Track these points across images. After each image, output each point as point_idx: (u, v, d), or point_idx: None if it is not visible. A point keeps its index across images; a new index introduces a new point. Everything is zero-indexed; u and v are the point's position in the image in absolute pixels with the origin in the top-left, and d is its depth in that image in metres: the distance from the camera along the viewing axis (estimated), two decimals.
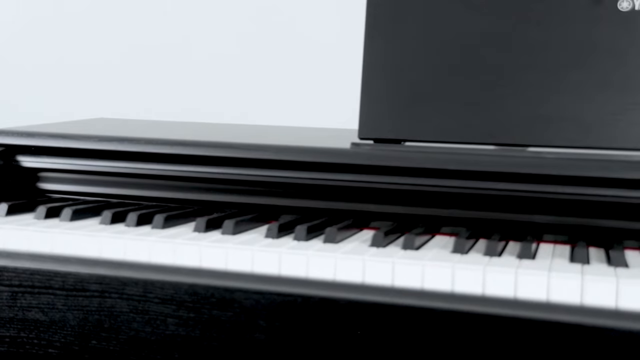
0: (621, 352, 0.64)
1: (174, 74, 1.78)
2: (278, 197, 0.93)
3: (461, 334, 0.69)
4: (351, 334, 0.72)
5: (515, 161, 0.84)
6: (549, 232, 0.84)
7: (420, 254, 0.75)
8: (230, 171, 0.93)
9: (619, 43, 0.88)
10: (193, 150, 0.95)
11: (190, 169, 0.95)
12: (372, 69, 0.96)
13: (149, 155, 0.96)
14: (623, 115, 0.87)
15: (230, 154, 0.93)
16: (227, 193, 0.94)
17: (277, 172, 0.92)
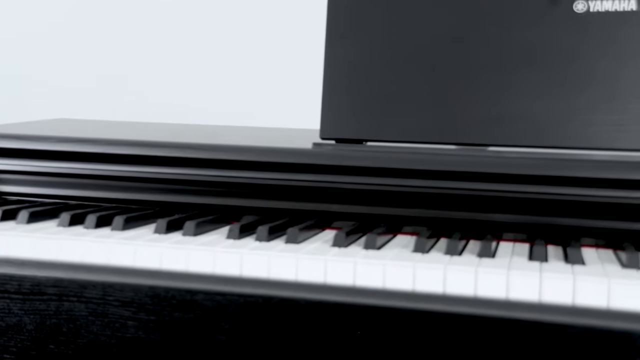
0: (578, 348, 0.65)
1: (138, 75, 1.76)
2: (240, 198, 0.92)
3: (423, 332, 0.69)
4: (313, 334, 0.72)
5: (475, 160, 0.84)
6: (508, 231, 0.85)
7: (382, 254, 0.76)
8: (192, 172, 0.93)
9: (574, 44, 0.89)
10: (154, 151, 0.94)
11: (151, 170, 0.94)
12: (334, 69, 0.97)
13: (109, 157, 0.94)
14: (579, 115, 0.88)
15: (191, 155, 0.92)
16: (189, 194, 0.93)
17: (239, 173, 0.91)
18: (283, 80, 1.65)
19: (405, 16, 0.96)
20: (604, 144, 0.87)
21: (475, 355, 0.68)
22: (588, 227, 0.81)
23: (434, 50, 0.94)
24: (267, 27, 1.68)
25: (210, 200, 0.93)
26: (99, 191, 0.96)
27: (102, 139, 0.95)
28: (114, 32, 1.77)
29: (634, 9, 0.88)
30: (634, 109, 0.87)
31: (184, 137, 1.06)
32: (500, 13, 0.92)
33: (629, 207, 0.79)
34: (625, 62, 0.88)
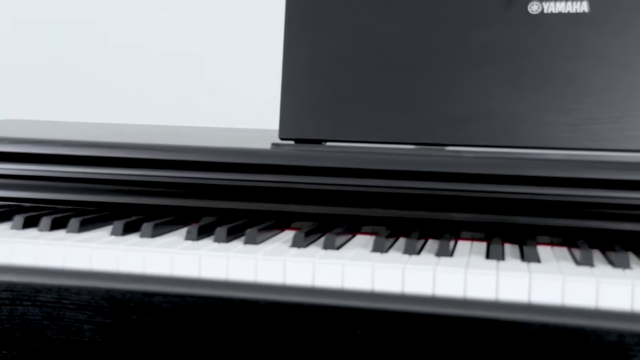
0: (534, 345, 0.66)
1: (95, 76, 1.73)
2: (198, 199, 0.91)
3: (381, 332, 0.69)
4: (272, 335, 0.71)
5: (433, 160, 0.85)
6: (466, 230, 0.86)
7: (341, 254, 0.76)
8: (149, 173, 0.91)
9: (529, 45, 0.91)
10: (110, 152, 0.92)
11: (107, 171, 0.92)
12: (292, 69, 0.96)
13: (64, 158, 0.93)
14: (534, 115, 0.90)
15: (148, 156, 0.91)
16: (146, 195, 0.92)
17: (197, 174, 0.91)
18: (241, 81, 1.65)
19: (362, 17, 0.96)
20: (558, 143, 0.89)
21: (433, 354, 0.68)
22: (544, 226, 0.82)
23: (392, 50, 0.94)
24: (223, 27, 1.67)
25: (169, 201, 0.92)
26: (53, 193, 0.94)
27: (57, 140, 0.94)
28: (67, 24, 1.75)
29: (586, 10, 0.90)
30: (587, 109, 0.89)
31: (141, 138, 1.05)
32: (457, 14, 0.93)
33: (583, 205, 0.80)
34: (579, 62, 0.89)
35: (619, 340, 0.64)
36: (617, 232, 0.79)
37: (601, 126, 0.88)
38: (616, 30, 0.89)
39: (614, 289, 0.66)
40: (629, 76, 0.88)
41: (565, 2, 0.90)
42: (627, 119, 0.88)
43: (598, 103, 0.88)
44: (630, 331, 0.64)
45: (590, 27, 0.90)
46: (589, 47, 0.89)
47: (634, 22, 0.89)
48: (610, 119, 0.88)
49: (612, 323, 0.65)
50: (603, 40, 0.89)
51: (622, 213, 0.79)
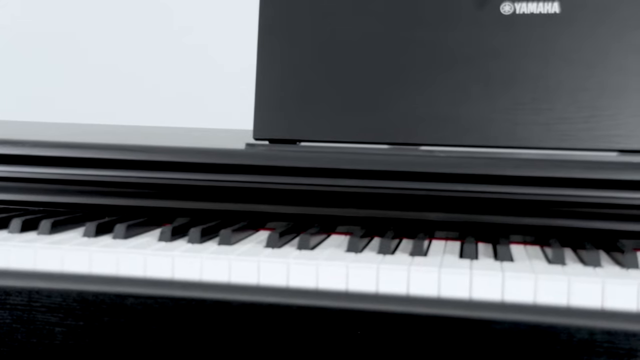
0: (506, 343, 0.66)
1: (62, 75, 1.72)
2: (172, 200, 0.91)
3: (356, 332, 0.69)
4: (246, 336, 0.71)
5: (407, 160, 0.85)
6: (440, 229, 0.86)
7: (315, 254, 0.76)
8: (122, 174, 0.90)
9: (502, 45, 0.92)
10: (82, 152, 0.91)
11: (79, 172, 0.91)
12: (266, 69, 0.96)
13: (34, 159, 0.91)
14: (508, 114, 0.90)
15: (121, 156, 0.90)
16: (119, 196, 0.91)
17: (171, 174, 0.90)
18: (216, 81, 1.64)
19: (336, 17, 0.96)
20: (530, 143, 0.90)
21: (407, 353, 0.69)
22: (516, 225, 0.83)
23: (365, 50, 0.95)
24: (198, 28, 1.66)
25: (142, 202, 0.91)
26: (24, 194, 0.93)
27: (27, 141, 0.92)
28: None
29: (557, 11, 0.91)
30: (559, 109, 0.90)
31: (113, 138, 1.04)
32: (430, 14, 0.94)
33: (554, 204, 0.81)
34: (551, 63, 0.90)
35: (589, 338, 0.65)
36: (588, 231, 0.80)
37: (572, 126, 0.89)
38: (586, 30, 0.90)
39: (585, 287, 0.67)
40: (598, 76, 0.89)
41: (536, 2, 0.91)
42: (597, 119, 0.89)
43: (569, 103, 0.89)
44: (600, 328, 0.65)
45: (561, 27, 0.91)
46: (559, 48, 0.90)
47: (603, 22, 0.90)
48: (580, 118, 0.89)
49: (583, 321, 0.65)
50: (573, 41, 0.90)
51: (593, 212, 0.80)
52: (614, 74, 0.89)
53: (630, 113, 0.88)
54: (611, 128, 0.89)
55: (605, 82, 0.89)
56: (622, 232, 0.79)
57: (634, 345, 0.64)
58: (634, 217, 0.79)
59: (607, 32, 0.90)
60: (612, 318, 0.65)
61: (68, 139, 0.96)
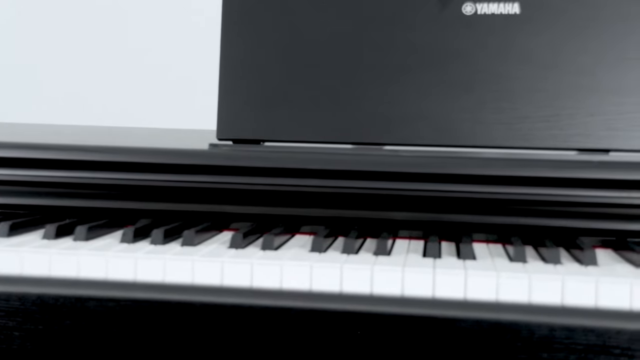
0: (469, 340, 0.67)
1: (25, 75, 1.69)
2: (134, 201, 0.90)
3: (320, 332, 0.69)
4: (210, 338, 0.71)
5: (371, 160, 0.86)
6: (404, 228, 0.86)
7: (279, 254, 0.75)
8: (83, 175, 0.89)
9: (464, 45, 0.92)
10: (42, 153, 0.90)
11: (38, 173, 0.90)
12: (230, 69, 0.96)
13: None
14: (470, 114, 0.91)
15: (82, 157, 0.89)
16: (80, 198, 0.90)
17: (133, 175, 0.89)
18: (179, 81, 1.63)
19: (299, 16, 0.96)
20: (492, 142, 0.91)
21: (371, 353, 0.69)
22: (479, 223, 0.84)
23: (329, 50, 0.95)
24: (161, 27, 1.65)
25: (104, 203, 0.90)
26: None
27: None
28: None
29: (517, 12, 0.92)
30: (520, 108, 0.91)
31: (75, 139, 1.02)
32: (393, 14, 0.94)
33: (516, 202, 0.82)
34: (512, 63, 0.91)
35: (549, 334, 0.65)
36: (548, 228, 0.81)
37: (533, 125, 0.90)
38: (545, 31, 0.91)
39: (545, 284, 0.68)
40: (557, 75, 0.91)
41: (497, 3, 0.92)
42: (556, 118, 0.90)
43: (530, 102, 0.91)
44: (560, 325, 0.65)
45: (521, 28, 0.92)
46: (520, 48, 0.92)
47: (562, 23, 0.91)
48: (540, 118, 0.90)
49: (543, 317, 0.66)
50: (533, 41, 0.91)
51: (553, 210, 0.81)
52: (572, 74, 0.90)
53: (587, 112, 0.90)
54: (570, 127, 0.90)
55: (564, 82, 0.90)
56: (582, 230, 0.81)
57: (592, 341, 0.65)
58: (593, 215, 0.80)
59: (564, 33, 0.91)
60: (571, 314, 0.66)
61: (27, 140, 0.94)
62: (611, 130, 0.89)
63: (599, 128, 0.89)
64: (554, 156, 0.85)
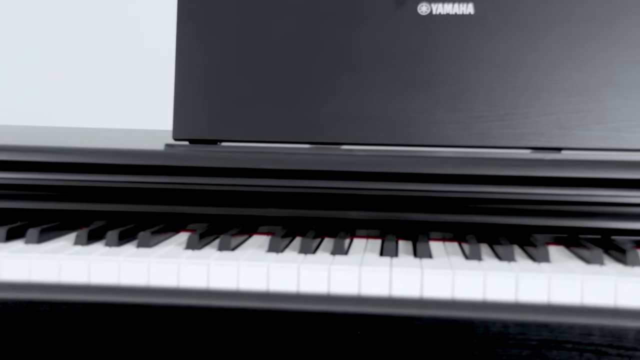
0: (426, 338, 0.67)
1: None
2: (89, 202, 0.88)
3: (277, 332, 0.69)
4: (166, 340, 0.70)
5: (328, 159, 0.86)
6: (362, 227, 0.87)
7: (236, 255, 0.75)
8: (35, 176, 0.87)
9: (419, 45, 0.93)
10: None
11: None
12: (185, 69, 0.95)
13: None
14: (426, 113, 0.92)
15: (34, 158, 0.87)
16: (32, 200, 0.88)
17: (87, 176, 0.87)
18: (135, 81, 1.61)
19: (255, 15, 0.96)
20: (448, 141, 0.92)
21: (328, 352, 0.69)
22: (435, 222, 0.84)
23: (286, 50, 0.95)
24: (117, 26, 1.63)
25: (57, 205, 0.88)
26: None
27: None
28: None
29: (471, 12, 0.93)
30: (475, 108, 0.92)
31: (26, 140, 1.00)
32: (349, 14, 0.94)
33: (471, 200, 0.82)
34: (466, 63, 0.92)
35: (504, 330, 0.66)
36: (503, 226, 0.82)
37: (487, 124, 0.91)
38: (499, 31, 0.92)
39: (500, 281, 0.69)
40: (511, 75, 0.92)
41: (452, 3, 0.93)
42: (510, 117, 0.91)
43: (484, 102, 0.92)
44: (513, 321, 0.66)
45: (476, 28, 0.93)
46: (474, 48, 0.93)
47: (515, 23, 0.92)
48: (495, 117, 0.91)
49: (498, 314, 0.67)
50: (487, 41, 0.93)
51: (508, 208, 0.82)
52: (525, 73, 0.92)
53: (540, 112, 0.91)
54: (524, 126, 0.91)
55: (517, 81, 0.92)
56: (535, 227, 0.82)
57: (545, 336, 0.66)
58: (546, 213, 0.81)
59: (517, 33, 0.92)
60: (525, 311, 0.67)
61: None
62: (564, 129, 0.91)
63: (552, 127, 0.91)
64: (508, 155, 0.86)
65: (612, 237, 0.81)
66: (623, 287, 0.67)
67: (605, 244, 0.79)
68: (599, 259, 0.73)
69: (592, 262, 0.73)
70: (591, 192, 0.81)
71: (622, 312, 0.66)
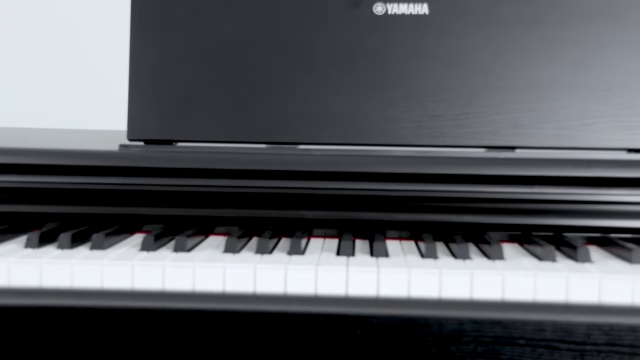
0: (382, 337, 0.68)
1: None
2: (41, 205, 0.86)
3: (234, 333, 0.69)
4: (121, 343, 0.69)
5: (284, 159, 0.85)
6: (319, 227, 0.87)
7: (192, 256, 0.74)
8: None
9: (375, 45, 0.94)
10: None
11: None
12: (140, 68, 0.94)
13: None
14: (379, 112, 0.93)
15: None
16: None
17: (40, 178, 0.86)
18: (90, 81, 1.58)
19: (211, 17, 0.95)
20: (403, 140, 0.92)
21: (284, 352, 0.69)
22: (392, 221, 0.85)
23: (241, 50, 0.94)
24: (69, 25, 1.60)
25: (7, 208, 0.86)
26: None
27: None
28: None
29: (426, 13, 0.94)
30: (430, 107, 0.92)
31: None
32: (305, 13, 0.94)
33: (427, 199, 0.83)
34: (421, 62, 0.93)
35: (459, 328, 0.67)
36: (458, 224, 0.83)
37: (442, 123, 0.92)
38: (453, 31, 0.93)
39: (455, 279, 0.69)
40: (465, 75, 0.93)
41: (407, 3, 0.94)
42: (465, 116, 0.92)
43: (439, 101, 0.92)
44: (468, 318, 0.67)
45: (430, 28, 0.94)
46: (429, 48, 0.93)
47: (470, 24, 0.94)
48: (450, 116, 0.92)
49: (453, 312, 0.68)
50: (442, 41, 0.93)
51: (463, 206, 0.83)
52: (479, 73, 0.93)
53: (495, 111, 0.92)
54: (478, 125, 0.92)
55: (472, 81, 0.93)
56: (490, 225, 0.83)
57: (498, 333, 0.67)
58: (500, 211, 0.83)
59: (472, 33, 0.93)
60: (480, 308, 0.68)
61: None
62: (517, 127, 0.92)
63: (506, 125, 0.92)
64: (463, 154, 0.87)
65: (564, 234, 0.82)
66: (574, 283, 0.69)
67: (558, 241, 0.80)
68: (551, 256, 0.74)
69: (545, 259, 0.74)
70: (544, 190, 0.82)
71: (573, 308, 0.68)
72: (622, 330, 0.66)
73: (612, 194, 0.82)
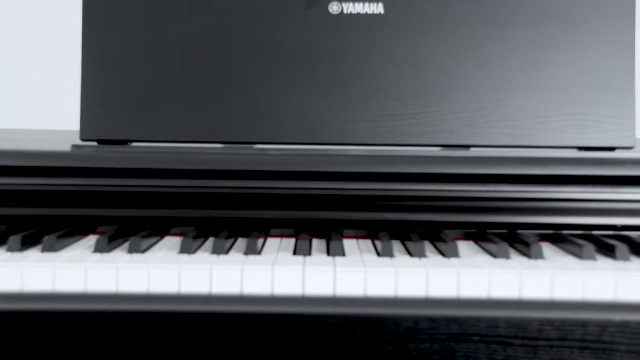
0: (339, 336, 0.68)
1: None
2: None
3: (189, 335, 0.68)
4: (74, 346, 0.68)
5: (240, 159, 0.85)
6: (276, 227, 0.86)
7: (146, 258, 0.73)
8: None
9: (331, 44, 0.94)
10: None
11: None
12: (93, 67, 0.92)
13: None
14: (336, 112, 0.93)
15: None
16: None
17: None
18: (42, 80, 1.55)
19: (167, 15, 0.94)
20: (360, 139, 0.92)
21: (242, 353, 0.68)
22: (349, 220, 0.85)
23: (197, 49, 0.93)
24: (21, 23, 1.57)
25: None
26: None
27: None
28: None
29: (382, 12, 0.94)
30: (386, 106, 0.93)
31: None
32: (261, 13, 0.94)
33: (383, 198, 0.83)
34: (377, 62, 0.93)
35: (415, 326, 0.67)
36: (414, 223, 0.84)
37: (399, 122, 0.93)
38: (408, 31, 0.94)
39: (411, 277, 0.69)
40: (421, 74, 0.94)
41: (363, 3, 0.94)
42: (420, 115, 0.93)
43: (395, 100, 0.93)
44: (424, 316, 0.68)
45: (386, 28, 0.94)
46: (385, 47, 0.94)
47: (425, 23, 0.94)
48: (406, 115, 0.93)
49: (409, 310, 0.68)
50: (397, 41, 0.94)
51: (418, 205, 0.83)
52: (434, 72, 0.94)
53: (450, 110, 0.93)
54: (434, 124, 0.93)
55: (427, 80, 0.93)
56: (445, 223, 0.84)
57: (454, 330, 0.67)
58: (455, 209, 0.83)
59: (426, 33, 0.94)
60: (435, 306, 0.68)
61: None
62: (472, 126, 0.93)
63: (461, 125, 0.93)
64: (418, 152, 0.88)
65: (518, 231, 0.84)
66: (527, 280, 0.69)
67: (512, 239, 0.81)
68: (505, 253, 0.75)
69: (499, 256, 0.75)
70: (497, 188, 0.83)
71: (526, 304, 0.69)
72: (574, 326, 0.67)
73: (564, 191, 0.83)
